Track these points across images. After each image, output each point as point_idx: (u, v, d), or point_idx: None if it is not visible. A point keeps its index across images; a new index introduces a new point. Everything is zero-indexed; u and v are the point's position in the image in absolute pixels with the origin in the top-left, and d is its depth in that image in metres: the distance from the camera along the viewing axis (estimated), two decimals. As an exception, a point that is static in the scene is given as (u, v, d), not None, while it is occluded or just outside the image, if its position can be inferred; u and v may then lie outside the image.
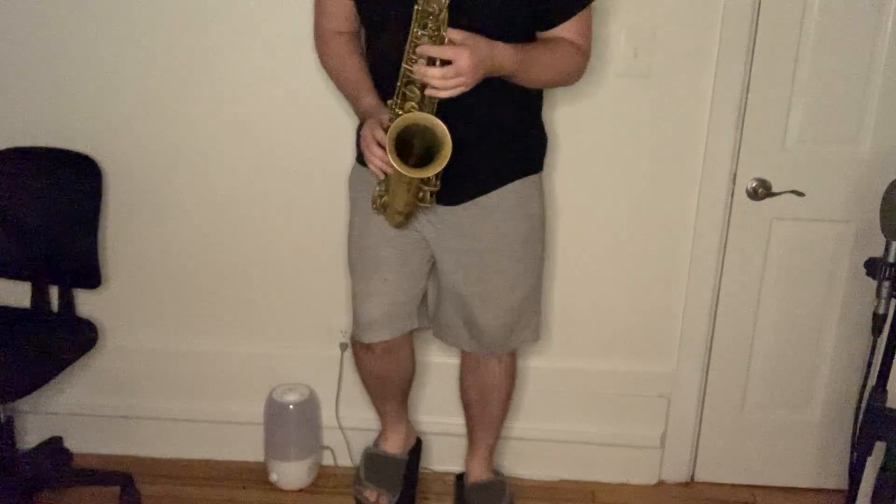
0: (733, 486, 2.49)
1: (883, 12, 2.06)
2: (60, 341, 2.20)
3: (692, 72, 2.14)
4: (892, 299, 1.90)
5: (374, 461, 2.32)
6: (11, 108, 2.27)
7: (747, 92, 2.15)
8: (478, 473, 2.32)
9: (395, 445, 2.34)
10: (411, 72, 1.66)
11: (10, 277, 2.31)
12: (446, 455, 2.46)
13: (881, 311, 1.91)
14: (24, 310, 2.31)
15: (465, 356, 2.21)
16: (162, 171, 2.31)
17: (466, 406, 2.28)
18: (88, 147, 2.25)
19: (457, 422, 2.37)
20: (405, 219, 1.88)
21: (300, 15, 2.06)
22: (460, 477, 2.38)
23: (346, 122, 2.15)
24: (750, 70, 2.12)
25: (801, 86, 2.13)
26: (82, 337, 2.24)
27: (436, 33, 1.63)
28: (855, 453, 1.96)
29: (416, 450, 2.41)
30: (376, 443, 2.36)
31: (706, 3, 2.09)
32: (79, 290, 2.31)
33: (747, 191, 2.22)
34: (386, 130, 1.69)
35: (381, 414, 2.33)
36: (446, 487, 2.41)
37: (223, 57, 2.20)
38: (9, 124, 2.27)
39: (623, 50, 2.13)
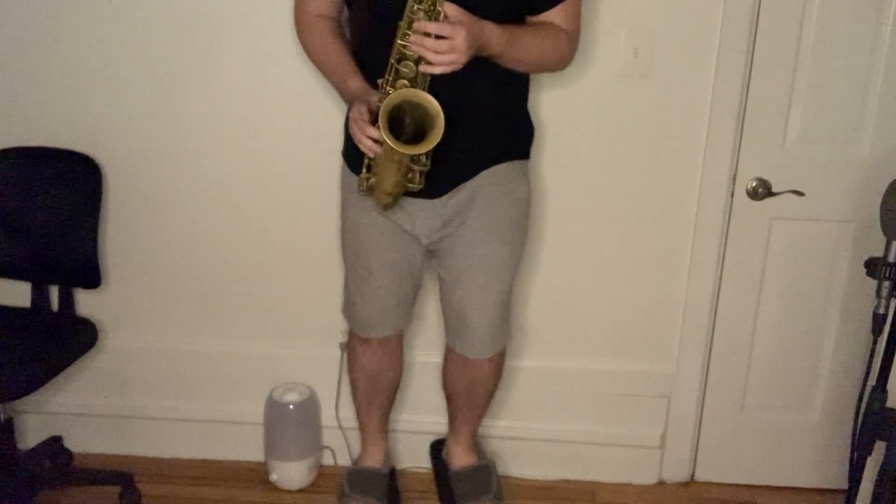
0: (733, 486, 2.49)
1: (883, 12, 2.06)
2: (60, 341, 2.19)
3: (692, 72, 2.15)
4: (892, 299, 1.90)
5: (356, 476, 2.29)
6: (11, 108, 2.27)
7: (747, 92, 2.15)
8: (462, 459, 2.28)
9: (376, 460, 2.31)
10: (405, 47, 1.66)
11: (10, 277, 2.30)
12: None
13: (881, 311, 1.90)
14: (24, 310, 2.31)
15: (452, 350, 2.17)
16: (162, 171, 2.31)
17: (450, 396, 2.25)
18: (88, 147, 2.25)
19: (441, 420, 2.36)
20: (393, 200, 1.86)
21: (300, 15, 2.06)
22: (436, 447, 2.34)
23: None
24: (750, 70, 2.13)
25: (801, 86, 2.13)
26: (82, 337, 2.24)
27: (432, 8, 1.64)
28: (855, 453, 1.96)
29: (393, 474, 2.38)
30: (356, 461, 2.35)
31: (706, 3, 2.09)
32: (79, 290, 2.32)
33: (747, 191, 2.22)
34: (375, 111, 1.69)
35: (365, 426, 2.30)
36: (431, 487, 2.40)
37: (223, 57, 2.20)
38: (9, 124, 2.27)
39: (623, 50, 2.13)
